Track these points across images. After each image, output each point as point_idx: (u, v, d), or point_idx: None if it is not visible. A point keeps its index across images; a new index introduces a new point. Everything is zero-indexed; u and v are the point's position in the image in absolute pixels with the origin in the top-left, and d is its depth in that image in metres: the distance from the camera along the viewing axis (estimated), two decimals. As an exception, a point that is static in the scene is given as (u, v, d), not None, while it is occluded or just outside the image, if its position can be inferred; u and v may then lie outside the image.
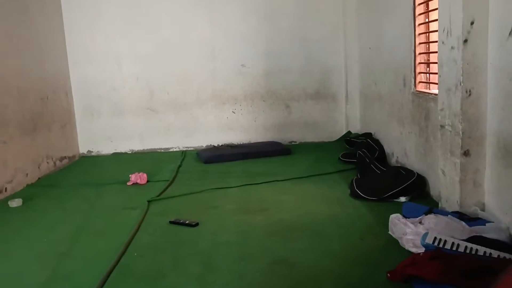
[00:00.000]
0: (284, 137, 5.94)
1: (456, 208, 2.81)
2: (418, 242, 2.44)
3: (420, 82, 3.72)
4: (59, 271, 2.55)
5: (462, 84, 2.67)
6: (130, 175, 4.35)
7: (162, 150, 5.93)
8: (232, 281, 2.33)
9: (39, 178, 4.74)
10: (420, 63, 3.69)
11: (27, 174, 4.54)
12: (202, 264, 2.54)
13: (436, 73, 3.17)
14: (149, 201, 3.68)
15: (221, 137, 5.91)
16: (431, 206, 2.96)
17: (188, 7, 5.70)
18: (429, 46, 3.57)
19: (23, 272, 2.58)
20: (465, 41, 2.62)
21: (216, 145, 5.86)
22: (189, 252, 2.71)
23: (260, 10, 5.73)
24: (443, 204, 3.02)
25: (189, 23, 5.73)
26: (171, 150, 5.93)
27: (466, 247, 2.25)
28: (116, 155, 5.86)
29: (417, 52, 3.68)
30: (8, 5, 4.42)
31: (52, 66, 5.29)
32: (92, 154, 5.93)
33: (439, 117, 2.99)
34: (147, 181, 4.32)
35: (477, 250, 2.24)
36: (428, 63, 3.61)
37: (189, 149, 5.91)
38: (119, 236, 2.97)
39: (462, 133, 2.71)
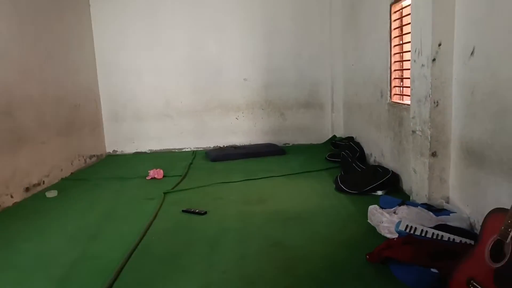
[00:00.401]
0: (279, 140, 5.93)
1: (425, 200, 2.81)
2: (393, 229, 2.44)
3: (395, 94, 3.72)
4: (88, 251, 2.55)
5: (430, 96, 2.67)
6: (149, 171, 4.34)
7: (176, 150, 5.92)
8: (235, 261, 2.33)
9: (71, 173, 4.73)
10: (395, 78, 3.69)
11: (61, 170, 4.53)
12: (210, 246, 2.54)
13: (408, 87, 3.17)
14: (165, 193, 3.67)
15: (226, 139, 5.91)
16: (404, 199, 2.96)
17: (200, 30, 5.70)
18: (402, 64, 3.56)
19: (57, 252, 2.57)
20: (434, 60, 2.62)
21: (221, 146, 5.86)
22: (198, 236, 2.71)
23: (259, 32, 5.73)
24: (414, 197, 3.02)
25: (200, 43, 5.73)
26: (183, 150, 5.92)
27: (433, 233, 2.25)
28: (137, 154, 5.85)
29: (392, 69, 3.67)
30: (48, 27, 4.41)
31: (83, 79, 5.28)
32: (117, 153, 5.91)
33: (411, 124, 2.99)
34: (163, 176, 4.31)
35: (442, 236, 2.24)
36: (401, 78, 3.61)
37: (199, 149, 5.90)
38: (140, 222, 2.97)
39: (431, 137, 2.71)
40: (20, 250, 2.63)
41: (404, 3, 3.42)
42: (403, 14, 3.45)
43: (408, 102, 3.17)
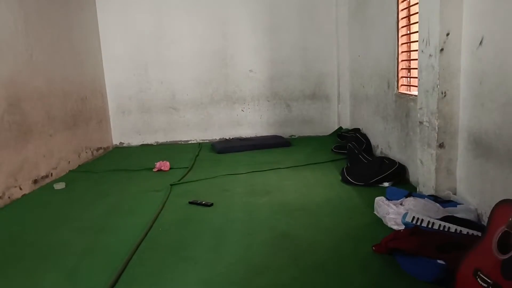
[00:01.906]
0: (285, 132, 5.92)
1: (432, 192, 2.80)
2: (399, 220, 2.43)
3: (402, 85, 3.69)
4: (96, 243, 2.57)
5: (438, 87, 2.64)
6: (155, 163, 4.36)
7: (182, 142, 5.94)
8: (241, 252, 2.34)
9: (79, 165, 4.76)
10: (402, 68, 3.66)
11: (69, 162, 4.57)
12: (216, 238, 2.55)
13: (416, 77, 3.14)
14: (171, 185, 3.69)
15: (232, 131, 5.91)
16: (411, 190, 2.95)
17: (205, 22, 5.68)
18: (410, 54, 3.53)
19: (66, 243, 2.59)
20: (442, 50, 2.59)
21: (227, 138, 5.86)
22: (205, 228, 2.72)
23: (265, 24, 5.70)
24: (420, 189, 3.00)
25: (206, 35, 5.71)
26: (190, 142, 5.94)
27: (440, 225, 2.24)
28: (144, 146, 5.88)
29: (399, 59, 3.64)
30: (54, 20, 4.42)
31: (90, 72, 5.29)
32: (124, 145, 5.94)
33: (418, 115, 2.97)
34: (170, 168, 4.33)
35: (449, 227, 2.22)
36: (409, 69, 3.57)
37: (205, 141, 5.91)
38: (147, 213, 2.99)
39: (438, 128, 2.69)
40: (29, 242, 2.66)
41: (411, -7, 3.37)
42: (411, 3, 3.41)
43: (416, 93, 3.14)
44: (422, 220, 2.30)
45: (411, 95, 3.39)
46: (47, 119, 4.18)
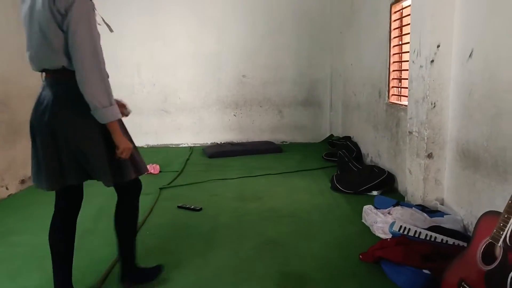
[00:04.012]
0: (276, 138, 5.94)
1: (419, 201, 2.82)
2: (387, 229, 2.45)
3: (392, 94, 3.72)
4: (82, 245, 2.54)
5: (428, 97, 2.67)
6: (145, 166, 4.34)
7: (173, 146, 5.92)
8: (229, 258, 2.34)
9: (68, 166, 4.71)
10: (393, 78, 3.69)
11: (58, 162, 4.52)
12: (204, 243, 2.54)
13: (406, 88, 3.18)
14: (160, 188, 3.67)
15: (224, 136, 5.90)
16: (399, 199, 2.97)
17: (199, 25, 5.68)
18: (401, 65, 3.57)
19: (52, 245, 2.56)
20: (432, 61, 2.63)
21: (219, 142, 5.85)
22: (193, 232, 2.71)
23: (259, 29, 5.72)
24: (408, 198, 3.03)
25: (200, 38, 5.72)
26: (181, 145, 5.92)
27: (426, 234, 2.27)
28: (134, 149, 5.83)
29: (391, 69, 3.68)
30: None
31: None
32: (114, 147, 5.89)
33: (408, 125, 3.00)
34: (160, 171, 4.31)
35: (435, 237, 2.25)
36: (400, 79, 3.61)
37: (196, 145, 5.89)
38: (135, 217, 2.97)
39: (427, 138, 2.72)
40: (14, 242, 2.62)
41: (404, 4, 3.42)
42: (403, 15, 3.45)
43: (406, 103, 3.17)
44: (409, 229, 2.33)
45: (402, 105, 3.43)
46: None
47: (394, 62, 3.64)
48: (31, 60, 1.78)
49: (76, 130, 1.71)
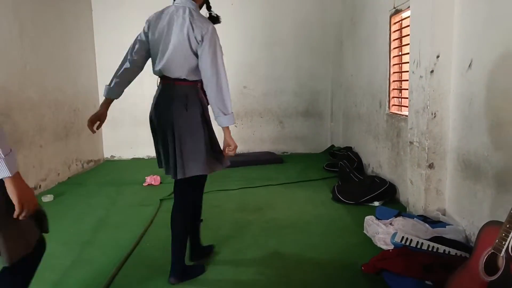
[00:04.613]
0: (277, 148, 5.94)
1: (421, 212, 2.81)
2: (388, 240, 2.43)
3: (393, 105, 3.74)
4: (82, 256, 2.54)
5: (428, 108, 2.68)
6: (146, 177, 4.34)
7: (174, 156, 5.91)
8: (230, 269, 2.33)
9: (69, 178, 4.72)
10: (393, 89, 3.71)
11: (58, 174, 4.53)
12: (205, 254, 2.53)
13: (406, 98, 3.19)
14: (161, 200, 3.67)
15: (225, 147, 5.90)
16: (400, 210, 2.96)
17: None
18: (401, 75, 3.59)
19: (51, 256, 2.53)
20: (432, 71, 2.64)
21: (220, 153, 5.84)
22: (194, 244, 2.70)
23: (260, 40, 5.77)
24: (410, 209, 3.02)
25: (200, 50, 5.76)
26: (181, 156, 5.91)
27: (428, 245, 2.25)
28: (135, 160, 5.85)
29: (391, 80, 3.70)
30: (49, 31, 4.44)
31: (83, 83, 5.30)
32: (115, 158, 5.91)
33: (409, 135, 3.00)
34: (160, 183, 4.31)
35: (438, 248, 2.23)
36: (400, 89, 3.63)
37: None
38: (135, 228, 2.97)
39: (428, 148, 2.72)
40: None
41: (403, 15, 3.45)
42: (403, 26, 3.48)
43: (406, 113, 3.18)
44: (411, 240, 2.31)
45: (402, 115, 3.44)
46: (38, 130, 4.16)
47: (394, 72, 3.66)
48: (161, 68, 2.13)
49: (184, 123, 2.09)
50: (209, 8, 2.24)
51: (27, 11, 4.04)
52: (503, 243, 1.48)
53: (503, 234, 1.49)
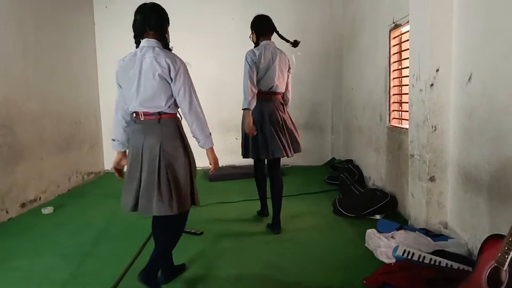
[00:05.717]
0: (278, 161, 5.93)
1: (423, 225, 2.80)
2: (390, 253, 2.42)
3: (393, 118, 3.75)
4: (82, 269, 2.52)
5: (428, 121, 2.69)
6: (146, 189, 4.32)
7: (174, 169, 5.90)
8: (230, 282, 2.31)
9: (69, 190, 4.72)
10: (393, 102, 3.73)
11: (58, 186, 4.52)
12: (205, 268, 2.52)
13: (407, 111, 3.20)
14: (161, 212, 3.65)
15: (225, 159, 5.89)
16: (402, 223, 2.95)
17: (201, 48, 5.79)
18: (401, 89, 3.61)
19: (50, 269, 2.54)
20: (431, 85, 2.66)
21: (220, 165, 5.83)
22: (194, 257, 2.68)
23: (261, 54, 5.81)
24: (412, 222, 3.00)
25: (202, 63, 5.80)
26: (182, 169, 5.90)
27: (431, 259, 2.24)
28: (136, 172, 5.83)
29: (391, 93, 3.72)
30: (52, 44, 4.49)
31: (85, 96, 5.34)
32: (115, 170, 5.90)
33: (409, 148, 3.01)
34: (161, 195, 4.29)
35: (440, 262, 2.22)
36: (400, 103, 3.64)
37: (198, 168, 5.84)
38: (135, 241, 2.95)
39: (429, 161, 2.72)
40: (13, 266, 2.60)
41: (403, 29, 3.48)
42: (402, 40, 3.52)
43: (407, 126, 3.19)
44: (413, 253, 2.30)
45: (403, 128, 3.45)
46: (39, 142, 4.17)
47: (394, 86, 3.68)
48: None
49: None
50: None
51: (31, 26, 4.09)
52: (506, 256, 1.47)
53: (506, 248, 1.48)
